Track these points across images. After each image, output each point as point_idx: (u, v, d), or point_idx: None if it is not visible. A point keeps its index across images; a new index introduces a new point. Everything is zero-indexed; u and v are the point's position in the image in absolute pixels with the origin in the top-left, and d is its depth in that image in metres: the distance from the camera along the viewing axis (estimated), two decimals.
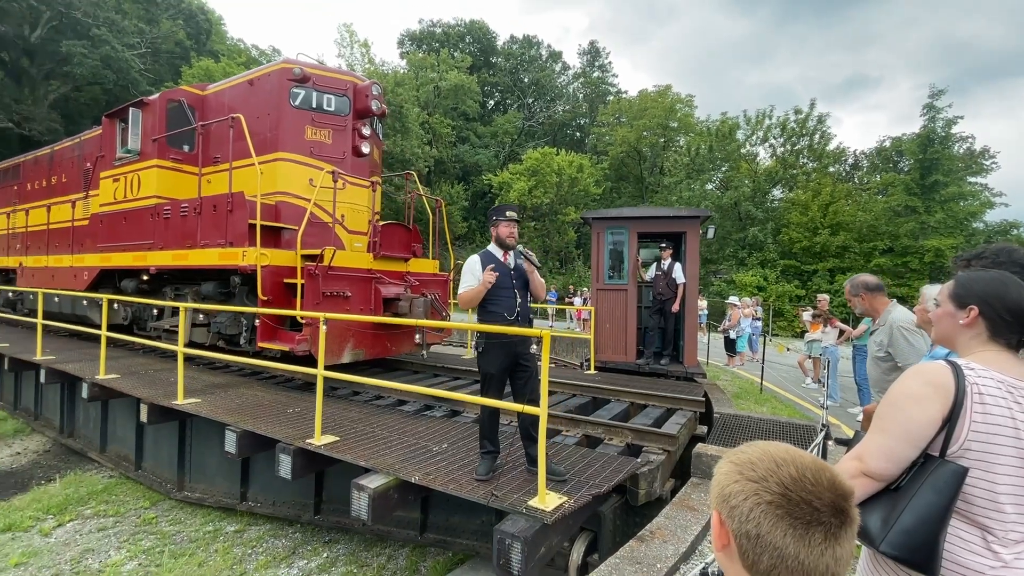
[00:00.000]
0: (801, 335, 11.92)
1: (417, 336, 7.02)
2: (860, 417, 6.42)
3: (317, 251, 6.28)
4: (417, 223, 9.25)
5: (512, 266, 3.54)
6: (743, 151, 32.91)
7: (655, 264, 8.26)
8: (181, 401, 5.06)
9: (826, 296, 10.59)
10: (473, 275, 3.50)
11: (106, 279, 9.47)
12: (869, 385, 3.53)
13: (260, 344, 6.19)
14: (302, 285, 6.04)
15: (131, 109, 8.85)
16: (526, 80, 48.20)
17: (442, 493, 3.18)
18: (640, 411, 5.43)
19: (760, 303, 16.46)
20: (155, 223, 8.02)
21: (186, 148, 8.64)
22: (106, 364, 6.44)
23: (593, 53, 49.57)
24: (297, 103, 7.40)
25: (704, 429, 5.28)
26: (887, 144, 34.03)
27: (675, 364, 8.01)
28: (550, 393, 6.22)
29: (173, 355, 8.16)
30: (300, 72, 7.33)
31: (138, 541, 5.21)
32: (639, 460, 3.68)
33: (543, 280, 3.69)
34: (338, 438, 3.98)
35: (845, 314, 16.04)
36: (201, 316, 7.51)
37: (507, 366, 3.38)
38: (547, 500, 2.89)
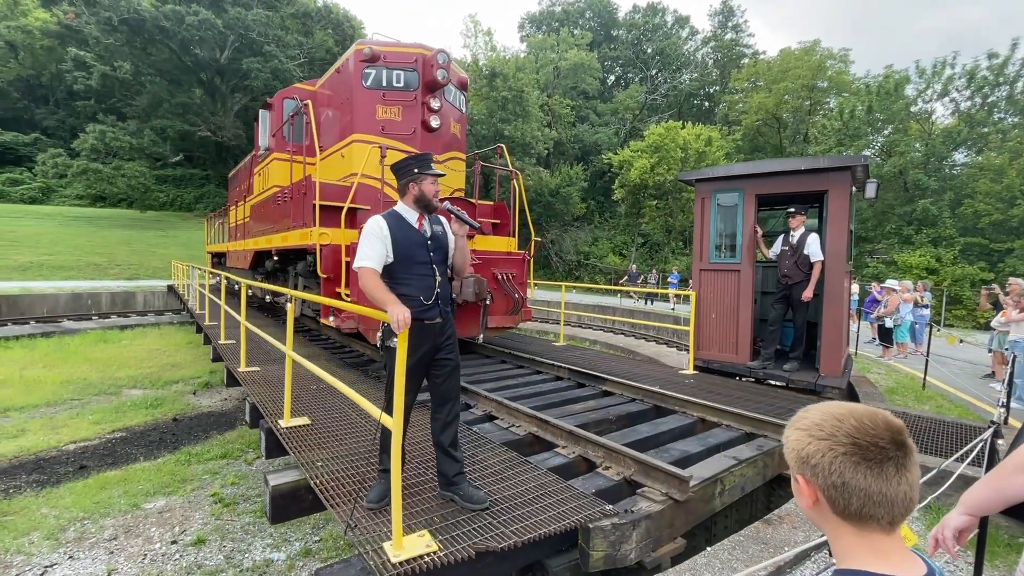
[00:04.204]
0: (985, 326, 9.82)
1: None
2: None
3: None
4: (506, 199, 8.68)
5: (429, 234, 2.70)
6: (913, 109, 27.31)
7: (781, 237, 6.41)
8: (242, 368, 5.50)
9: (1021, 280, 8.59)
10: (379, 240, 2.58)
11: (260, 259, 10.70)
12: None
13: (321, 320, 6.48)
14: (347, 263, 6.09)
15: (261, 111, 10.22)
16: (649, 51, 45.10)
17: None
18: (708, 431, 4.19)
19: (928, 288, 13.95)
20: (275, 209, 8.95)
21: (306, 142, 9.56)
22: (234, 332, 7.31)
23: (726, 13, 44.28)
24: (368, 83, 7.42)
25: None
26: None
27: (805, 370, 6.06)
28: (606, 394, 5.36)
29: (297, 328, 9.48)
30: (370, 52, 7.31)
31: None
32: (610, 507, 2.58)
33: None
34: (310, 421, 3.71)
35: None
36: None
37: (422, 362, 2.64)
38: (403, 546, 2.15)
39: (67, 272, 20.91)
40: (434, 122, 7.61)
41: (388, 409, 2.36)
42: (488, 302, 6.75)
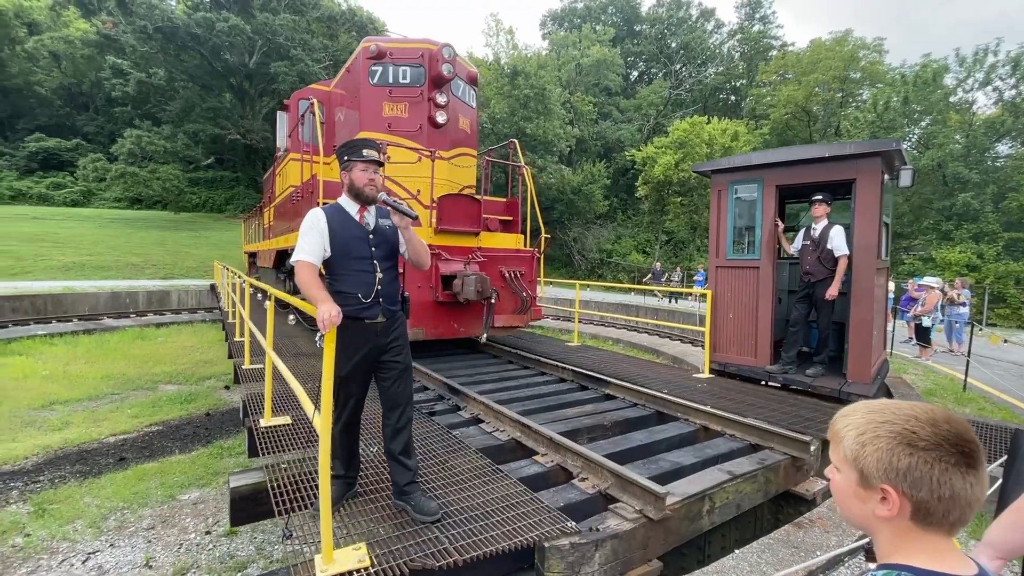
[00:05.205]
0: None
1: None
2: None
3: None
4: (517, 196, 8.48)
5: (372, 227, 2.52)
6: (952, 99, 26.03)
7: (803, 231, 5.95)
8: (246, 366, 5.56)
9: None
10: (316, 233, 2.43)
11: (281, 258, 10.35)
12: None
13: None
14: None
15: (279, 113, 10.25)
16: (673, 45, 44.15)
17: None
18: (709, 440, 3.91)
19: (967, 285, 13.34)
20: (290, 208, 8.98)
21: (319, 141, 9.66)
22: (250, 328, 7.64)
23: (753, 4, 42.79)
24: (375, 80, 7.36)
25: (814, 487, 3.40)
26: None
27: (831, 376, 5.61)
28: (608, 398, 5.14)
29: (313, 327, 9.56)
30: (376, 49, 7.25)
31: None
32: (572, 524, 2.36)
33: (424, 241, 2.66)
34: (290, 421, 3.61)
35: None
36: None
37: (364, 364, 2.50)
38: (333, 560, 2.01)
39: (107, 272, 21.87)
40: (440, 118, 7.47)
41: (333, 413, 2.28)
42: (493, 300, 6.57)
